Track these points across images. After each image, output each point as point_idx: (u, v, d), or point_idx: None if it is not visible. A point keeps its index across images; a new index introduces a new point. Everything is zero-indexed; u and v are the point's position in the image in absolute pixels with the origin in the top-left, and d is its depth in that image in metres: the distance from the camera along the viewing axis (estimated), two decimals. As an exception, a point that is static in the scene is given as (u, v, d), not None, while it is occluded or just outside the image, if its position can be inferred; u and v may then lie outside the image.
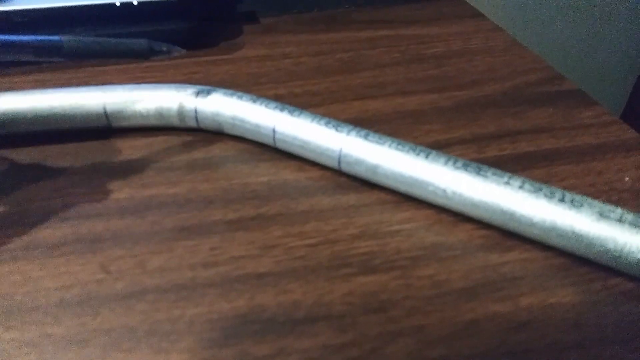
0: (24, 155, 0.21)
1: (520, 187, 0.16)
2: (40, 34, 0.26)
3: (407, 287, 0.15)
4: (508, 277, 0.16)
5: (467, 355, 0.14)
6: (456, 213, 0.18)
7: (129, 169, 0.20)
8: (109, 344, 0.14)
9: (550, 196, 0.16)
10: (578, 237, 0.15)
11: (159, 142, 0.22)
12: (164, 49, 0.20)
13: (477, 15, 0.33)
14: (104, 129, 0.22)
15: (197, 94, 0.21)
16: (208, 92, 0.21)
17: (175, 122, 0.22)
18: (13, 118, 0.21)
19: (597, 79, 0.74)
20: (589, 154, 0.21)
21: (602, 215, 0.15)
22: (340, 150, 0.18)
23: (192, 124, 0.22)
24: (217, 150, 0.21)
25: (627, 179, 0.19)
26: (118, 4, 0.27)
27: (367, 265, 0.16)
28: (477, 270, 0.16)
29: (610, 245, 0.15)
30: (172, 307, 0.15)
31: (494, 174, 0.16)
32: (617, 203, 0.18)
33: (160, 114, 0.21)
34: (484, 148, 0.21)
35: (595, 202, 0.15)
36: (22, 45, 0.17)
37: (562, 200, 0.15)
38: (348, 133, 0.18)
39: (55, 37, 0.18)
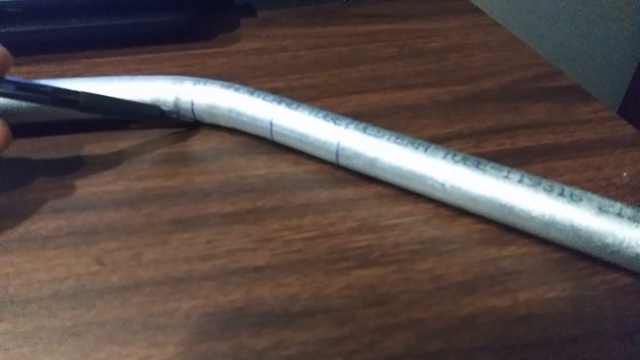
0: (18, 147, 0.21)
1: (520, 181, 0.16)
2: (33, 25, 0.26)
3: (405, 281, 0.15)
4: (507, 272, 0.16)
5: (465, 349, 0.13)
6: (455, 207, 0.18)
7: (124, 161, 0.20)
8: (104, 337, 0.14)
9: (549, 190, 0.15)
10: (577, 231, 0.15)
11: (154, 134, 0.22)
12: (174, 116, 0.21)
13: (475, 10, 0.33)
14: (98, 120, 0.21)
15: (194, 86, 0.21)
16: (205, 84, 0.21)
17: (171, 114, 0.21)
18: (7, 109, 0.20)
19: (594, 74, 0.74)
20: (587, 149, 0.21)
21: (601, 210, 0.15)
22: (338, 144, 0.18)
23: (188, 116, 0.21)
24: (214, 143, 0.21)
25: (625, 174, 0.19)
26: (114, -6, 0.26)
27: (365, 258, 0.16)
28: (476, 265, 0.16)
29: (609, 240, 0.15)
30: (168, 300, 0.15)
31: (492, 167, 0.16)
32: (615, 198, 0.18)
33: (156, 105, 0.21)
34: (482, 143, 0.21)
35: (595, 197, 0.15)
36: (41, 92, 0.18)
37: (561, 194, 0.15)
38: (346, 126, 0.18)
39: (73, 90, 0.18)
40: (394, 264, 0.16)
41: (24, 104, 0.20)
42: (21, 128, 0.21)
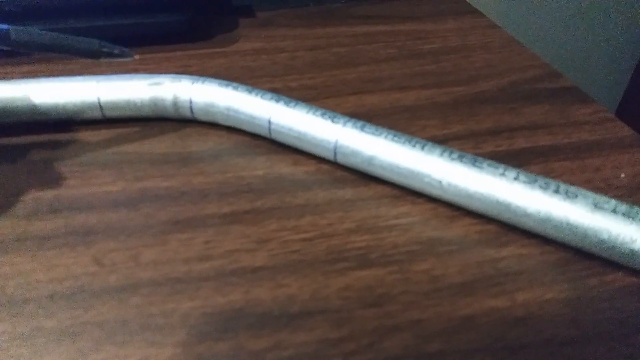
0: (15, 147, 0.21)
1: (516, 179, 0.16)
2: (31, 25, 0.26)
3: (403, 282, 0.15)
4: (505, 273, 0.16)
5: (463, 350, 0.13)
6: (453, 208, 0.18)
7: (122, 161, 0.20)
8: (102, 337, 0.14)
9: (545, 187, 0.16)
10: (572, 227, 0.15)
11: (153, 134, 0.21)
12: (116, 51, 0.20)
13: (473, 12, 0.33)
14: (97, 119, 0.21)
15: (192, 84, 0.21)
16: (203, 83, 0.21)
17: (170, 112, 0.21)
18: (5, 108, 0.20)
19: (592, 76, 0.74)
20: (585, 151, 0.21)
21: (596, 206, 0.15)
22: (336, 142, 0.18)
23: (187, 114, 0.21)
24: (212, 142, 0.21)
25: (622, 175, 0.19)
26: (112, -6, 0.26)
27: (363, 259, 0.16)
28: (474, 265, 0.16)
29: (605, 236, 0.15)
30: (166, 301, 0.15)
31: (489, 165, 0.16)
32: (613, 199, 0.18)
33: (154, 104, 0.21)
34: (480, 144, 0.21)
35: (590, 194, 0.15)
36: None
37: (556, 191, 0.15)
38: (344, 124, 0.18)
39: (4, 26, 0.17)
40: (393, 265, 0.16)
41: (21, 103, 0.20)
42: (18, 127, 0.21)
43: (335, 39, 0.29)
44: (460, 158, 0.17)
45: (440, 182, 0.17)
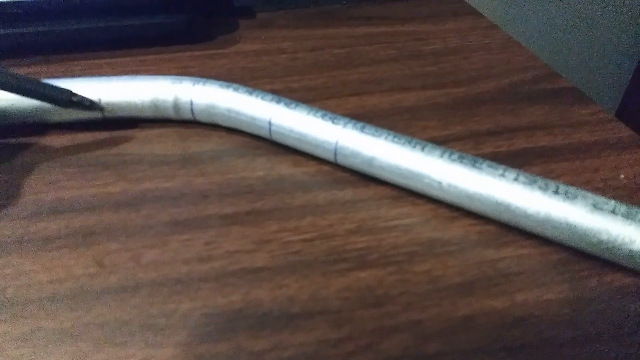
0: (16, 148, 0.21)
1: (515, 179, 0.16)
2: (32, 26, 0.26)
3: (403, 282, 0.15)
4: (504, 273, 0.16)
5: (463, 350, 0.14)
6: (453, 209, 0.18)
7: (123, 162, 0.20)
8: (103, 338, 0.14)
9: (544, 188, 0.16)
10: (572, 228, 0.15)
11: (153, 135, 0.22)
12: (86, 103, 0.20)
13: (473, 12, 0.33)
14: (98, 120, 0.21)
15: (193, 85, 0.21)
16: (204, 84, 0.21)
17: (171, 113, 0.21)
18: (7, 109, 0.20)
19: (592, 77, 0.74)
20: (584, 152, 0.21)
21: (595, 207, 0.15)
22: (337, 143, 0.18)
23: (187, 116, 0.21)
24: (213, 144, 0.21)
25: (622, 176, 0.19)
26: (113, -4, 0.27)
27: (363, 260, 0.16)
28: (474, 266, 0.16)
29: (604, 237, 0.15)
30: (167, 302, 0.15)
31: (489, 166, 0.16)
32: (612, 200, 0.18)
33: (155, 105, 0.21)
34: (480, 145, 0.21)
35: (589, 194, 0.15)
36: None
37: (556, 192, 0.15)
38: (344, 126, 0.18)
39: None
40: (392, 266, 0.16)
41: (23, 104, 0.20)
42: (20, 128, 0.21)
43: (335, 40, 0.30)
44: (460, 159, 0.17)
45: (440, 182, 0.17)
